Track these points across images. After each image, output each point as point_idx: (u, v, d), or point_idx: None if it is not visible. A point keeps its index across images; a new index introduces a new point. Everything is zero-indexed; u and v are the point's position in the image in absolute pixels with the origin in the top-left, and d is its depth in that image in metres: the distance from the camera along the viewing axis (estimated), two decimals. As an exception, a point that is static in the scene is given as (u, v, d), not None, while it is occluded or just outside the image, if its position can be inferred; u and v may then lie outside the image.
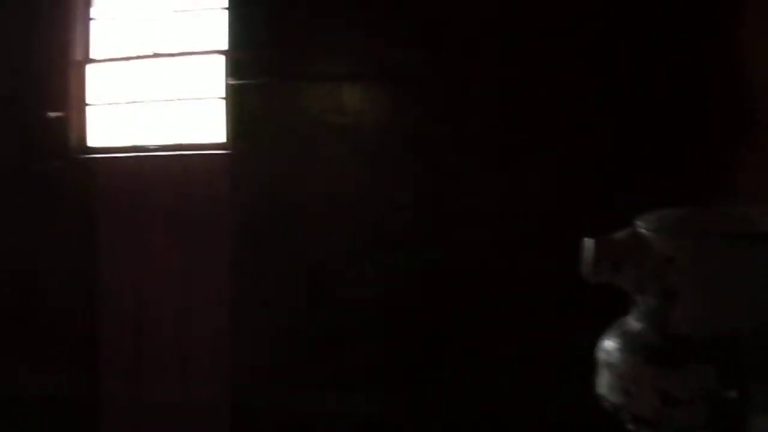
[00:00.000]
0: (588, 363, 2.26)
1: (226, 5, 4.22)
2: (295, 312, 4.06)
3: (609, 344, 2.09)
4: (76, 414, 4.47)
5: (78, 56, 4.66)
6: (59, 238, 4.63)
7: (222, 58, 4.27)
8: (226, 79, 4.21)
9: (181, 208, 4.33)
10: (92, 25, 4.68)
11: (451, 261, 3.84)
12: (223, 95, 4.26)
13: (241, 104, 4.19)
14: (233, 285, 4.18)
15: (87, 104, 4.66)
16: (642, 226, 2.05)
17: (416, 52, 3.85)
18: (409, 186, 3.94)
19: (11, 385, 4.66)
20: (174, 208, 4.35)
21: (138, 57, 4.56)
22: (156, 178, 4.38)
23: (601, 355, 2.11)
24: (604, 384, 2.08)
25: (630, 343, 2.02)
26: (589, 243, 2.02)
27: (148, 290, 4.36)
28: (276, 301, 4.09)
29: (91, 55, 4.67)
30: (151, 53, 4.51)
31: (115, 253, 4.43)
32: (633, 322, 2.08)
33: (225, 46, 4.24)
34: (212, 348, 4.24)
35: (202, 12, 4.42)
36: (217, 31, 4.31)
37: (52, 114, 4.62)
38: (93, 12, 4.67)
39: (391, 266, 3.95)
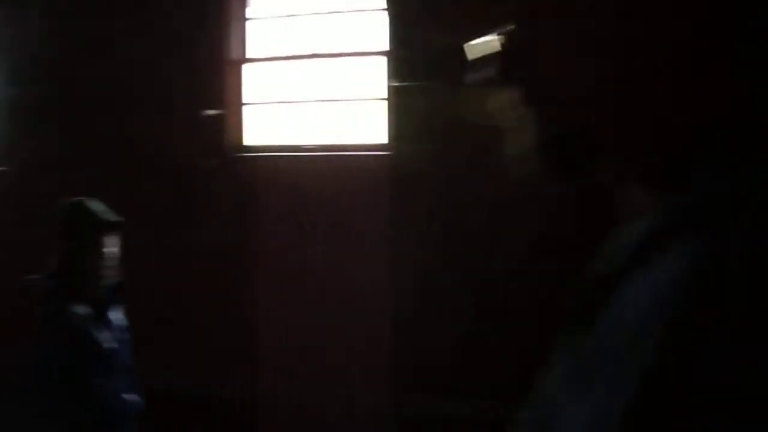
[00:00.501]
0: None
1: (385, 6, 4.20)
2: (457, 318, 4.06)
3: None
4: (234, 416, 4.58)
5: (234, 55, 4.73)
6: (215, 235, 4.73)
7: (383, 59, 4.25)
8: (388, 81, 4.19)
9: (339, 208, 4.36)
10: (248, 24, 4.72)
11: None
12: (385, 96, 4.24)
13: (403, 106, 4.19)
14: (392, 287, 4.21)
15: (244, 103, 4.72)
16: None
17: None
18: (572, 192, 3.86)
19: (170, 384, 4.81)
20: (332, 208, 4.39)
21: (296, 57, 4.59)
22: (314, 178, 4.43)
23: None
24: None
25: None
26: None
27: (307, 290, 4.43)
28: (437, 305, 4.10)
29: (248, 55, 4.72)
30: (309, 53, 4.53)
31: (272, 252, 4.51)
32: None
33: (386, 46, 4.21)
34: (372, 352, 4.28)
35: (361, 12, 4.41)
36: (378, 32, 4.29)
37: (210, 112, 4.71)
38: (249, 11, 4.73)
39: (554, 274, 3.89)
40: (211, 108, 4.77)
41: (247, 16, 4.78)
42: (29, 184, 5.38)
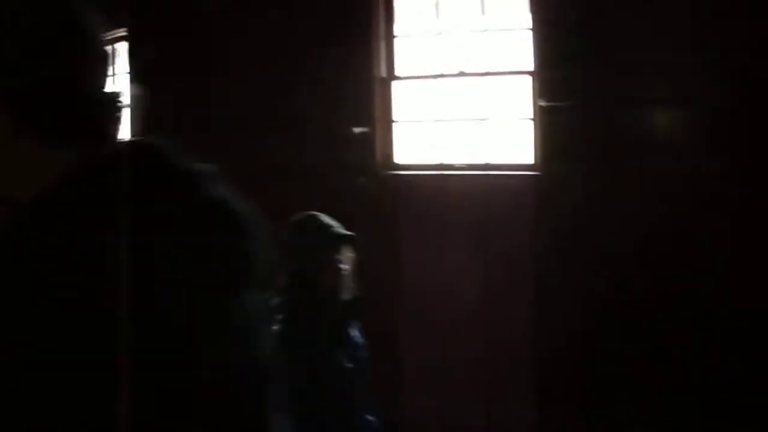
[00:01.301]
0: None
1: (531, 25, 4.20)
2: (603, 340, 4.06)
3: None
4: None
5: (382, 73, 4.86)
6: (362, 253, 4.89)
7: (529, 78, 4.26)
8: (535, 100, 4.21)
9: (484, 227, 4.44)
10: (396, 42, 4.84)
11: None
12: (531, 116, 4.26)
13: (551, 126, 4.20)
14: (537, 306, 4.25)
15: (393, 121, 4.85)
16: None
17: (725, 79, 3.65)
18: (726, 213, 3.77)
19: None
20: (478, 227, 4.47)
21: (443, 75, 4.67)
22: (460, 196, 4.52)
23: None
24: None
25: None
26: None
27: (450, 309, 4.53)
28: (583, 326, 4.10)
29: (396, 72, 4.84)
30: (456, 72, 4.60)
31: (418, 270, 4.64)
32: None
33: (531, 66, 4.22)
34: (517, 371, 4.34)
35: (507, 32, 4.43)
36: (523, 51, 4.30)
37: (359, 130, 4.87)
38: (396, 29, 4.83)
39: (703, 293, 3.81)
40: (360, 125, 4.93)
41: (394, 33, 4.88)
42: None
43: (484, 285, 4.50)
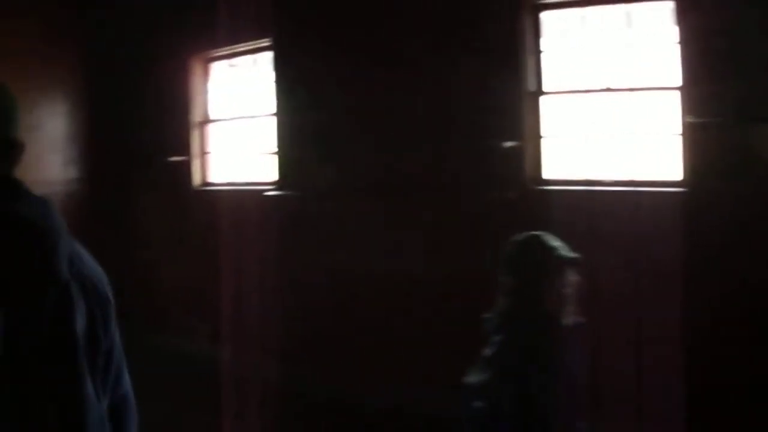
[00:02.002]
0: None
1: (678, 40, 4.17)
2: (757, 355, 4.00)
3: None
4: None
5: (530, 87, 4.98)
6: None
7: (676, 94, 4.23)
8: (683, 116, 4.18)
9: (632, 243, 4.45)
10: (543, 57, 4.92)
11: None
12: (679, 132, 4.24)
13: (699, 142, 4.19)
14: (687, 323, 4.22)
15: (541, 136, 4.94)
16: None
17: None
18: None
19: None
20: (625, 243, 4.49)
21: (590, 90, 4.72)
22: (608, 212, 4.58)
23: None
24: None
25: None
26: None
27: (598, 326, 4.55)
28: (733, 343, 4.05)
29: (544, 87, 4.92)
30: (603, 87, 4.63)
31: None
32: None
33: (679, 81, 4.20)
34: (667, 386, 4.32)
35: (653, 47, 4.41)
36: (670, 66, 4.28)
37: (508, 144, 5.00)
38: (543, 44, 4.91)
39: None
40: (509, 139, 5.06)
41: (541, 48, 4.97)
42: (320, 209, 6.13)
43: (633, 301, 4.51)
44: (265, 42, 6.63)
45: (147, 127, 7.79)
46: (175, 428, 5.61)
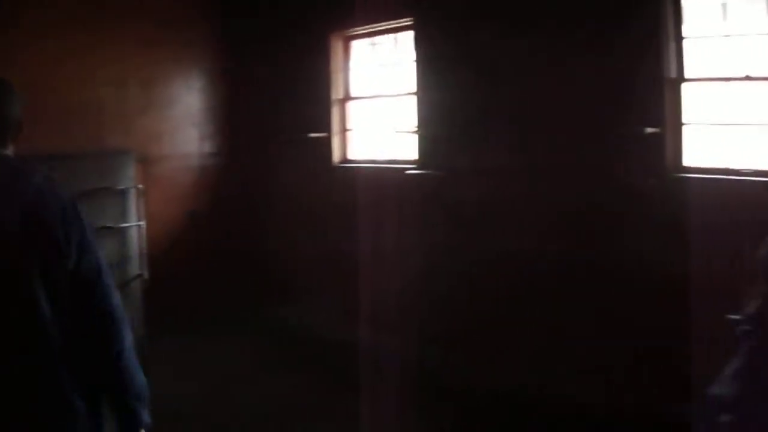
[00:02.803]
0: None
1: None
2: None
3: None
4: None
5: (672, 74, 5.02)
6: (646, 254, 5.19)
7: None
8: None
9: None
10: (685, 43, 4.95)
11: None
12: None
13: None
14: None
15: (682, 123, 5.00)
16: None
17: None
18: None
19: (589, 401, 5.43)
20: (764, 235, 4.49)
21: (732, 78, 4.75)
22: (747, 202, 4.66)
23: None
24: None
25: None
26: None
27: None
28: None
29: (686, 74, 4.97)
30: (743, 75, 4.66)
31: (698, 277, 4.77)
32: None
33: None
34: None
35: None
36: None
37: (648, 131, 5.07)
38: (685, 30, 4.94)
39: None
40: (650, 127, 5.14)
41: (683, 35, 5.00)
42: (459, 189, 6.35)
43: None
44: (407, 21, 6.86)
45: (286, 103, 8.17)
46: (310, 407, 5.99)
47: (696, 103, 5.07)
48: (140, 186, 6.53)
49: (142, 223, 6.47)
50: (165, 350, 7.10)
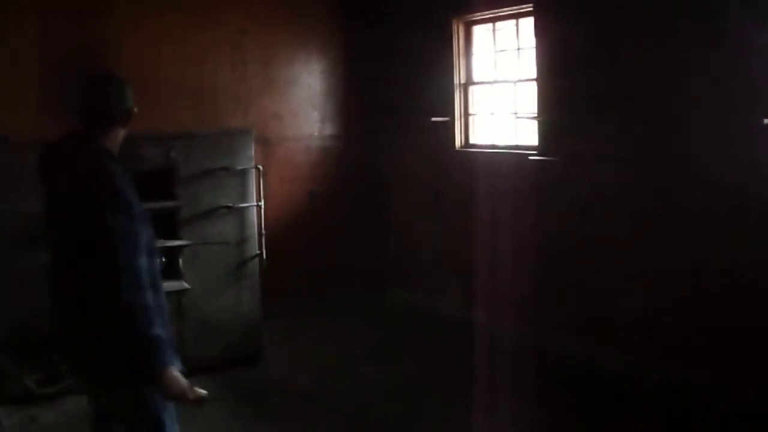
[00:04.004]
0: None
1: None
2: None
3: None
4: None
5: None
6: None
7: None
8: None
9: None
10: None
11: None
12: None
13: None
14: None
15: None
16: None
17: None
18: None
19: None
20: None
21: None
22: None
23: None
24: None
25: None
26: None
27: None
28: None
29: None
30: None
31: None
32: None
33: None
34: None
35: None
36: None
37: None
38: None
39: None
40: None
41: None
42: (579, 176, 6.30)
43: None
44: (527, 7, 6.79)
45: (407, 86, 8.18)
46: (413, 384, 6.05)
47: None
48: (260, 166, 6.60)
49: (261, 203, 6.55)
50: (284, 331, 7.25)
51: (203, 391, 3.06)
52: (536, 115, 6.70)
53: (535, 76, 6.70)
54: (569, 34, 6.33)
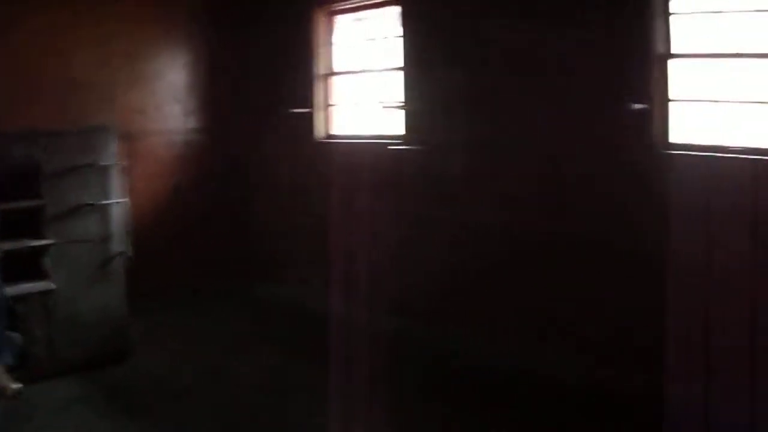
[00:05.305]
0: None
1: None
2: None
3: None
4: (635, 413, 5.02)
5: (659, 50, 5.13)
6: (629, 232, 5.33)
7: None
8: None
9: (757, 215, 4.61)
10: (672, 19, 5.07)
11: None
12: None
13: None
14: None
15: (669, 99, 5.13)
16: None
17: None
18: None
19: (566, 376, 5.55)
20: (749, 214, 4.65)
21: (719, 55, 4.86)
22: (734, 181, 4.74)
23: None
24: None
25: None
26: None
27: (722, 297, 4.74)
28: None
29: (673, 50, 5.09)
30: (733, 52, 4.77)
31: (684, 254, 4.90)
32: None
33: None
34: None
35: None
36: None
37: (635, 107, 5.20)
38: (672, 6, 5.07)
39: None
40: (636, 102, 5.25)
41: (671, 10, 5.11)
42: (444, 164, 6.48)
43: (757, 275, 4.63)
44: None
45: (269, 78, 8.23)
46: (284, 376, 6.13)
47: (684, 80, 5.11)
48: (123, 162, 6.60)
49: (125, 199, 6.55)
50: (153, 328, 7.25)
51: (18, 385, 3.16)
52: (401, 104, 6.84)
53: (401, 65, 6.83)
54: (435, 23, 6.49)
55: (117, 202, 6.43)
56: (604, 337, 5.49)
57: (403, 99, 6.85)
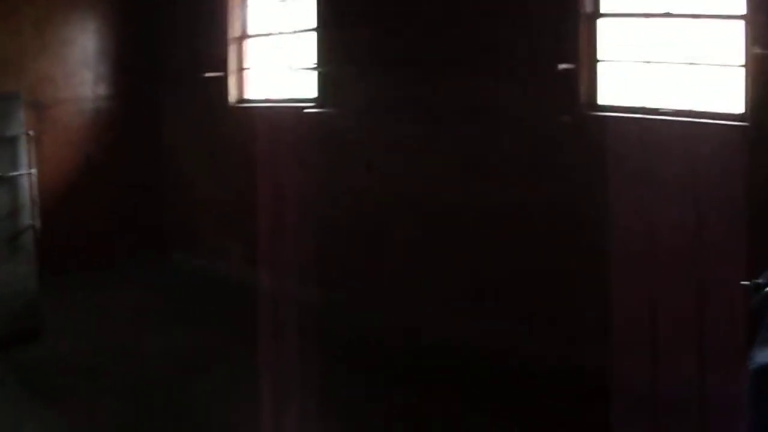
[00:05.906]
0: None
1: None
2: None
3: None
4: (583, 387, 4.93)
5: (588, 9, 5.07)
6: (561, 192, 5.25)
7: (740, 23, 4.35)
8: (748, 47, 4.30)
9: (689, 175, 4.57)
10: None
11: None
12: (743, 63, 4.35)
13: (764, 75, 4.25)
14: (752, 266, 4.37)
15: (597, 60, 5.06)
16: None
17: None
18: None
19: (513, 353, 5.46)
20: (681, 174, 4.62)
21: (650, 15, 4.81)
22: (663, 143, 4.70)
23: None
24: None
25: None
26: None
27: (658, 259, 4.73)
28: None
29: (602, 9, 5.04)
30: (663, 12, 4.73)
31: (617, 214, 4.85)
32: None
33: (744, 10, 4.30)
34: (725, 322, 4.48)
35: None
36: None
37: (563, 66, 5.13)
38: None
39: None
40: (564, 63, 5.17)
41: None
42: (359, 128, 6.34)
43: (692, 239, 4.60)
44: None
45: (181, 43, 7.97)
46: (208, 351, 5.97)
47: (613, 40, 5.03)
48: (31, 132, 6.28)
49: (34, 170, 6.23)
50: (66, 304, 6.97)
51: None
52: (315, 66, 6.65)
53: (314, 26, 6.65)
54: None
55: (25, 173, 6.11)
56: (538, 307, 5.42)
57: (315, 61, 6.65)
